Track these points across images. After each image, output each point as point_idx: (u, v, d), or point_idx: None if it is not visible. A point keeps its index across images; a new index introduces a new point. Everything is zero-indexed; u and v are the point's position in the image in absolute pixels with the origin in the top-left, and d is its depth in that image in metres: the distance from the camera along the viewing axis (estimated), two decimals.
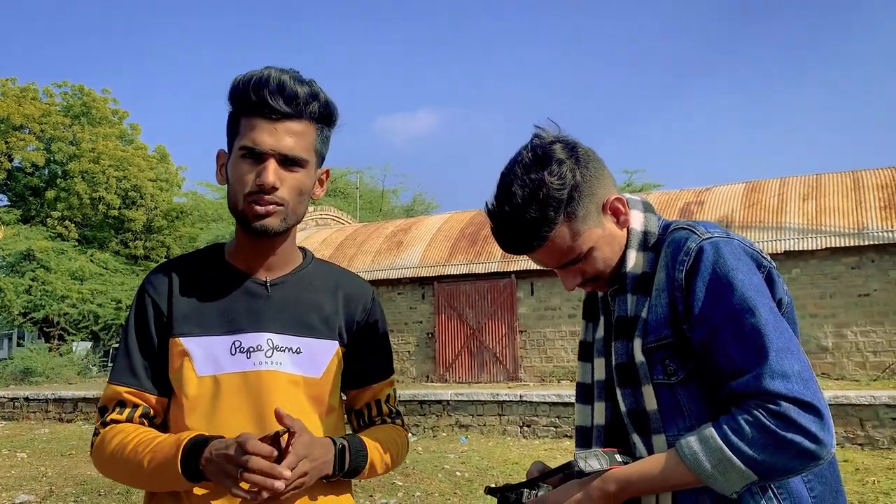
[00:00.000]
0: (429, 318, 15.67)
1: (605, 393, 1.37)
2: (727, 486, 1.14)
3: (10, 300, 23.06)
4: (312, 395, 1.47)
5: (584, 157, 1.29)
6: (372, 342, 1.61)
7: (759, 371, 1.13)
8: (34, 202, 28.97)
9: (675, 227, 1.32)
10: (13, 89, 28.69)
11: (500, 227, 1.30)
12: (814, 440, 1.10)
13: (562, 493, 1.24)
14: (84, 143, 28.01)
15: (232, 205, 1.43)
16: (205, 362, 1.42)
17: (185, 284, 1.47)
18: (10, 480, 8.28)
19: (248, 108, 1.38)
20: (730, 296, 1.18)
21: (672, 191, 16.02)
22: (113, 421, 1.44)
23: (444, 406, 11.44)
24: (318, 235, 18.76)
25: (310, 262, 1.59)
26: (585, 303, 1.51)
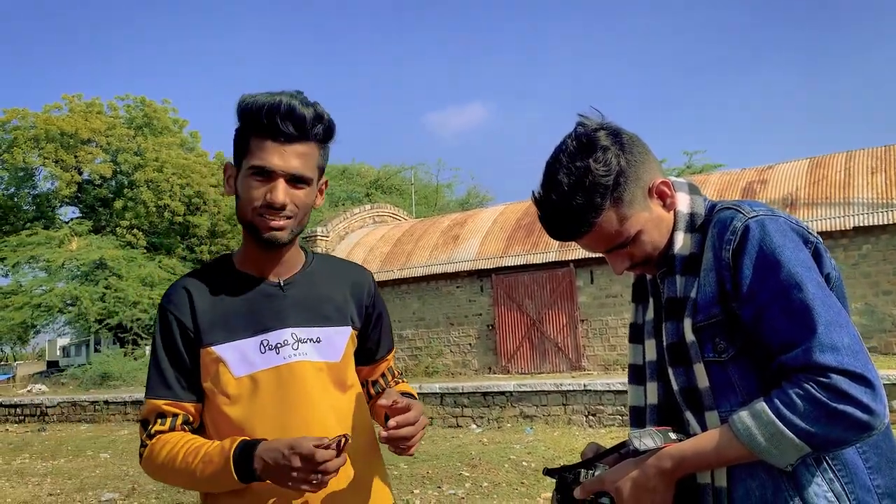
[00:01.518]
0: (488, 310, 15.70)
1: (656, 373, 1.39)
2: (781, 459, 1.15)
3: (87, 308, 24.05)
4: (335, 378, 1.61)
5: (628, 142, 1.31)
6: (379, 322, 1.77)
7: (808, 345, 1.14)
8: (104, 213, 30.10)
9: (720, 207, 1.33)
10: (80, 105, 29.86)
11: (548, 215, 1.33)
12: (866, 411, 1.10)
13: (619, 472, 1.27)
14: (148, 153, 28.96)
15: (241, 217, 1.55)
16: (239, 364, 1.54)
17: (204, 297, 1.58)
18: (95, 479, 8.67)
19: (259, 129, 1.49)
20: (777, 272, 1.19)
21: (734, 171, 15.65)
22: (158, 432, 1.54)
23: (507, 397, 11.46)
24: (376, 233, 18.98)
25: (312, 259, 1.71)
26: (635, 286, 1.53)
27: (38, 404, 16.55)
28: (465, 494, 6.76)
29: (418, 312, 16.59)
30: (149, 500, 7.22)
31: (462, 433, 11.05)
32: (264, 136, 1.48)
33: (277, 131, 1.47)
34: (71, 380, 22.23)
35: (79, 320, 25.56)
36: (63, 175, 28.35)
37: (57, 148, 28.17)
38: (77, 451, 11.42)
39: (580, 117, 1.34)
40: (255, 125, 1.49)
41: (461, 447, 9.62)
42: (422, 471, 8.08)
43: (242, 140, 1.52)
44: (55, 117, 28.68)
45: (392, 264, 17.05)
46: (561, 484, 1.34)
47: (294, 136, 1.48)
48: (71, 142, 28.35)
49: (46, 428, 15.21)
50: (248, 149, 1.50)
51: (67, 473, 9.24)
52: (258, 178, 1.49)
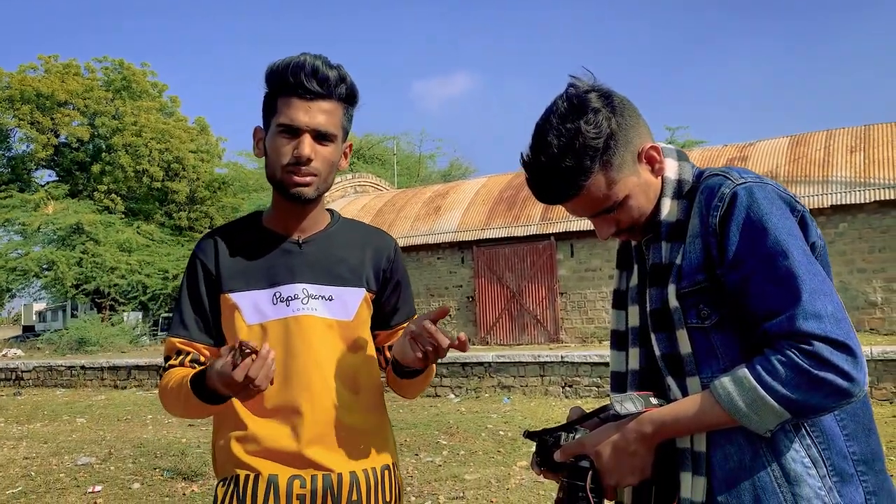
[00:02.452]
0: (468, 281, 15.74)
1: (639, 339, 1.38)
2: (761, 425, 1.16)
3: (63, 272, 23.79)
4: (345, 336, 1.67)
5: (619, 105, 1.29)
6: (397, 287, 1.81)
7: (792, 312, 1.14)
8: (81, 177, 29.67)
9: (708, 173, 1.32)
10: (56, 66, 29.23)
11: (536, 177, 1.31)
12: (846, 378, 1.11)
13: (599, 436, 1.27)
14: (126, 117, 28.49)
15: (270, 175, 1.63)
16: (252, 313, 1.63)
17: (230, 248, 1.69)
18: (71, 444, 8.65)
19: (285, 89, 1.56)
20: (763, 239, 1.18)
21: (715, 147, 15.72)
22: (171, 366, 1.68)
23: (486, 368, 11.55)
24: (358, 202, 18.89)
25: (337, 220, 1.78)
26: (619, 252, 1.52)
27: (14, 368, 16.42)
28: (441, 462, 6.83)
29: None
30: (125, 464, 7.22)
31: (440, 403, 11.14)
32: (290, 94, 1.55)
33: (303, 88, 1.54)
34: (47, 345, 22.07)
35: (55, 285, 25.29)
36: (39, 137, 27.85)
37: (32, 109, 27.62)
38: (53, 415, 11.36)
39: (571, 78, 1.31)
40: (281, 85, 1.56)
41: (439, 416, 9.70)
42: (400, 438, 8.14)
43: (270, 102, 1.60)
44: (31, 78, 28.08)
45: None
46: (541, 447, 1.34)
47: (319, 94, 1.56)
48: (47, 103, 27.81)
49: (22, 392, 15.11)
50: (276, 108, 1.58)
51: (43, 437, 9.20)
52: (286, 135, 1.56)
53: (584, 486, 1.24)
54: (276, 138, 1.58)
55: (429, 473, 6.35)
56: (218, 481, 1.66)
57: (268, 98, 1.61)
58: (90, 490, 6.13)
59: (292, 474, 1.58)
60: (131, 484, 6.35)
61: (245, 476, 1.59)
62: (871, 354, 9.10)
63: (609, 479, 1.26)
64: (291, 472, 1.58)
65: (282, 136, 1.57)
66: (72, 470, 7.06)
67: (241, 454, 1.59)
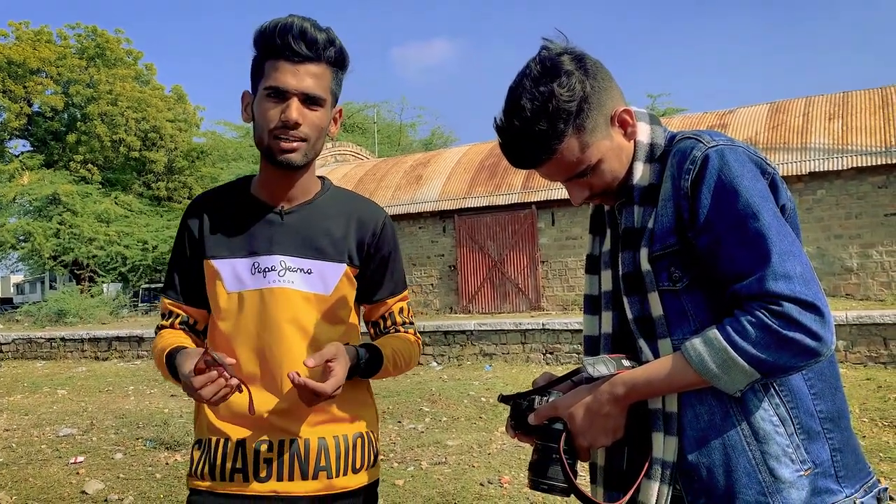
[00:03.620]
0: (450, 250, 15.76)
1: (612, 302, 1.39)
2: (732, 386, 1.18)
3: (40, 244, 23.51)
4: (322, 310, 1.67)
5: (592, 68, 1.28)
6: (382, 263, 1.77)
7: (762, 273, 1.15)
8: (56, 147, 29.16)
9: (680, 137, 1.32)
10: (27, 33, 28.55)
11: (509, 142, 1.31)
12: (815, 338, 1.13)
13: (572, 398, 1.29)
14: (101, 86, 27.97)
15: (258, 140, 1.60)
16: (232, 281, 1.65)
17: (216, 214, 1.69)
18: (52, 415, 8.62)
19: (273, 51, 1.53)
20: (735, 202, 1.19)
21: (695, 114, 15.74)
22: (162, 327, 1.74)
23: (467, 336, 11.63)
24: (338, 171, 18.76)
25: (327, 190, 1.75)
26: (592, 217, 1.52)
27: None
28: (424, 429, 6.90)
29: None
30: (107, 435, 7.22)
31: (423, 370, 11.21)
32: (278, 57, 1.53)
33: (291, 51, 1.51)
34: (26, 317, 21.86)
35: (32, 256, 25.01)
36: (11, 106, 27.29)
37: (4, 77, 27.02)
38: (33, 387, 11.31)
39: (544, 41, 1.30)
40: (269, 48, 1.54)
41: (422, 384, 9.77)
42: (382, 406, 8.20)
43: (258, 65, 1.58)
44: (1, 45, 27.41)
45: None
46: (515, 410, 1.36)
47: (307, 57, 1.53)
48: (19, 71, 27.21)
49: (1, 364, 15.01)
50: (263, 72, 1.55)
51: (24, 409, 9.17)
52: (273, 99, 1.53)
53: (558, 447, 1.26)
54: (263, 102, 1.55)
55: (412, 440, 6.42)
56: (193, 443, 1.70)
57: (256, 61, 1.58)
58: (72, 461, 6.13)
59: (260, 439, 1.61)
60: (114, 454, 6.36)
61: (216, 441, 1.63)
62: (846, 319, 9.26)
63: (582, 441, 1.28)
64: (259, 436, 1.61)
65: (269, 99, 1.54)
66: (53, 441, 7.05)
67: (213, 419, 1.64)
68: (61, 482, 5.52)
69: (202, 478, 1.63)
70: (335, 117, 1.67)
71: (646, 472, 1.27)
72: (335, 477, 1.65)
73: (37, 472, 5.86)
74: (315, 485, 1.62)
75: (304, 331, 1.64)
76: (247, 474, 1.60)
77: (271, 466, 1.60)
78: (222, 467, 1.61)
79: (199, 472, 1.64)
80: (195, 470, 1.65)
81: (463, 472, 5.28)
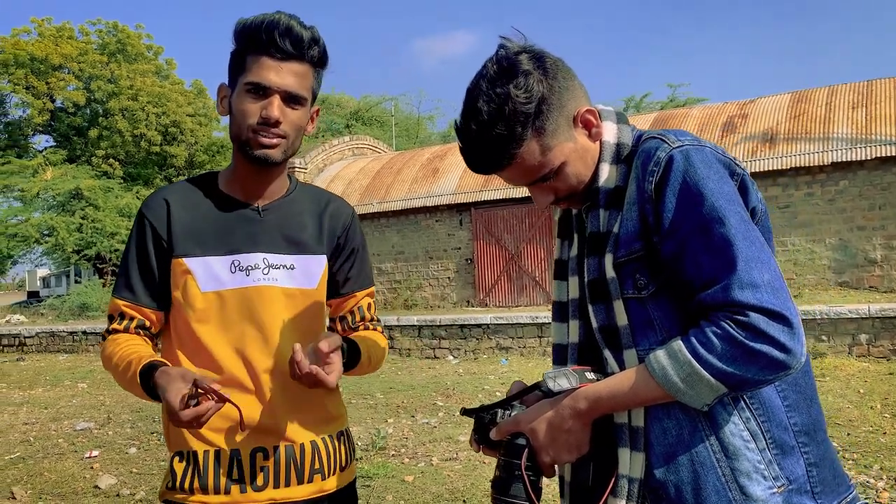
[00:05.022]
0: (467, 244, 15.70)
1: (578, 311, 1.34)
2: (697, 400, 1.12)
3: (64, 238, 23.78)
4: (307, 305, 1.65)
5: (552, 67, 1.23)
6: (351, 256, 1.76)
7: (727, 282, 1.10)
8: (78, 142, 29.45)
9: (646, 137, 1.26)
10: (49, 29, 28.81)
11: (468, 146, 1.26)
12: (783, 350, 1.07)
13: (534, 413, 1.24)
14: (122, 81, 28.16)
15: (235, 135, 1.56)
16: (207, 280, 1.58)
17: (182, 210, 1.62)
18: (71, 409, 8.73)
19: (257, 47, 1.50)
20: (699, 206, 1.13)
21: (715, 104, 15.52)
22: (114, 330, 1.63)
23: (483, 330, 11.59)
24: (355, 165, 18.76)
25: (295, 186, 1.73)
26: (560, 221, 1.47)
27: (16, 334, 16.53)
28: (437, 423, 6.88)
29: (397, 246, 16.57)
30: (123, 429, 7.29)
31: (439, 364, 11.20)
32: (261, 52, 1.50)
33: (275, 47, 1.49)
34: (49, 310, 22.17)
35: (56, 251, 25.31)
36: (35, 102, 27.58)
37: (27, 74, 27.30)
38: (55, 380, 11.47)
39: (502, 39, 1.24)
40: (252, 43, 1.51)
41: (437, 378, 9.76)
42: (397, 400, 8.20)
43: (238, 59, 1.55)
44: (24, 42, 27.69)
45: (371, 197, 16.92)
46: (478, 424, 1.31)
47: (291, 54, 1.51)
48: (42, 67, 27.47)
49: (25, 358, 15.22)
50: (244, 66, 1.52)
51: (44, 403, 9.29)
52: (253, 94, 1.51)
53: (520, 463, 1.21)
54: (243, 97, 1.52)
55: (424, 435, 6.40)
56: (173, 454, 1.61)
57: (236, 55, 1.55)
58: (87, 455, 6.19)
59: (255, 447, 1.56)
60: (128, 448, 6.41)
61: (204, 452, 1.55)
62: (868, 312, 9.09)
63: (545, 457, 1.23)
64: (253, 444, 1.56)
65: (249, 94, 1.51)
66: (70, 435, 7.13)
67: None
68: (75, 476, 5.58)
69: (191, 492, 1.54)
70: (312, 116, 1.65)
71: (611, 489, 1.22)
72: (327, 478, 1.63)
73: (52, 466, 5.92)
74: (310, 488, 1.60)
75: (290, 328, 1.60)
76: (244, 485, 1.54)
77: (267, 474, 1.56)
78: (216, 480, 1.54)
79: (185, 486, 1.55)
80: (180, 484, 1.55)
81: (473, 469, 5.25)
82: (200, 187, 1.66)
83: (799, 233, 12.68)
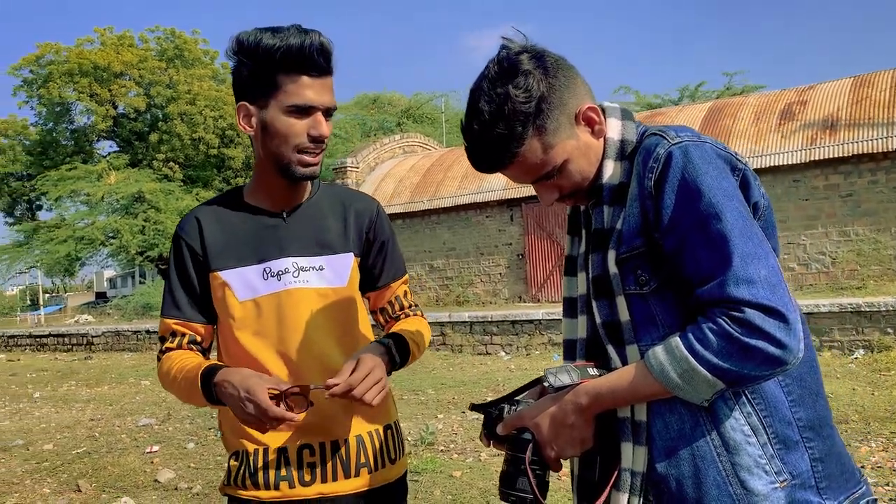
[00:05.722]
0: (518, 239, 15.66)
1: (586, 306, 1.35)
2: (696, 396, 1.13)
3: (127, 240, 24.61)
4: (340, 303, 1.70)
5: (552, 66, 1.24)
6: (382, 249, 1.81)
7: (723, 278, 1.10)
8: (140, 146, 30.39)
9: (648, 133, 1.26)
10: (111, 38, 29.81)
11: (471, 146, 1.27)
12: (779, 346, 1.06)
13: (537, 408, 1.26)
14: (180, 86, 28.95)
15: (275, 154, 1.59)
16: (243, 289, 1.65)
17: (213, 226, 1.69)
18: (134, 405, 9.05)
19: (293, 66, 1.52)
20: (697, 202, 1.13)
21: (772, 92, 15.09)
22: (168, 349, 1.70)
23: (535, 325, 11.54)
24: (406, 163, 18.88)
25: (317, 188, 1.78)
26: (569, 218, 1.48)
27: (84, 334, 17.19)
28: None
29: (448, 242, 16.63)
30: (182, 425, 7.52)
31: (491, 360, 11.22)
32: (298, 72, 1.53)
33: (313, 66, 1.53)
34: (115, 310, 23.01)
35: (120, 252, 26.20)
36: (98, 109, 28.58)
37: (91, 82, 28.31)
38: (120, 378, 11.89)
39: (503, 40, 1.26)
40: (287, 62, 1.52)
41: (488, 374, 9.77)
42: (447, 396, 8.25)
43: (267, 78, 1.54)
44: (87, 51, 28.73)
45: (422, 195, 17.01)
46: (487, 419, 1.34)
47: (325, 70, 1.55)
48: (104, 75, 28.45)
49: (92, 356, 15.82)
50: (278, 87, 1.54)
51: (109, 400, 9.65)
52: (296, 115, 1.54)
53: (525, 458, 1.23)
54: (284, 118, 1.55)
55: (473, 431, 6.42)
56: (230, 454, 1.70)
57: (261, 74, 1.54)
58: (148, 450, 6.41)
59: (301, 444, 1.62)
60: (186, 444, 6.61)
61: (254, 450, 1.63)
62: None
63: (549, 451, 1.25)
64: (299, 441, 1.62)
65: (292, 115, 1.54)
66: (133, 431, 7.39)
67: (249, 429, 1.60)
68: (136, 471, 5.78)
69: (245, 487, 1.63)
70: None
71: (614, 483, 1.23)
72: (375, 471, 1.68)
73: (115, 460, 6.15)
74: (358, 482, 1.66)
75: (326, 327, 1.66)
76: (292, 481, 1.61)
77: (315, 470, 1.62)
78: (265, 476, 1.61)
79: (239, 481, 1.64)
80: (234, 479, 1.65)
81: None
82: (228, 203, 1.72)
83: (863, 222, 12.25)
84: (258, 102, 1.58)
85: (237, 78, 1.60)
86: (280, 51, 1.51)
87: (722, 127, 13.92)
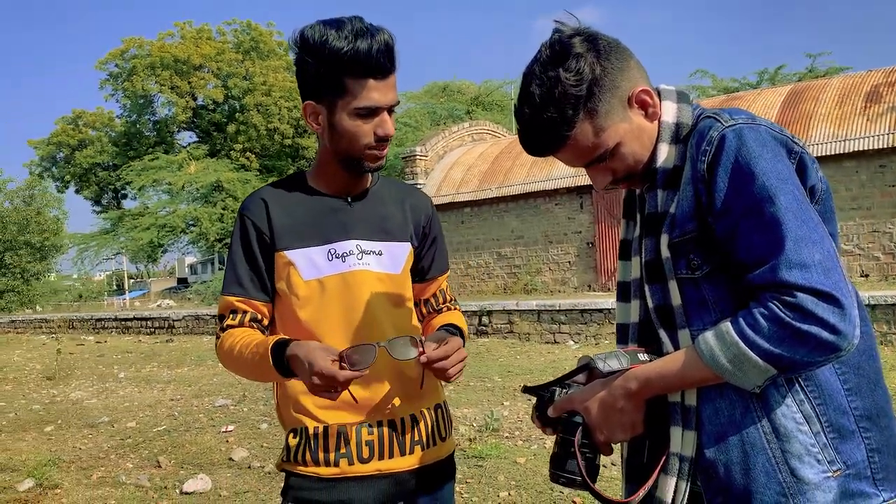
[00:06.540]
0: (588, 227, 15.47)
1: (639, 291, 1.34)
2: (747, 381, 1.11)
3: (206, 228, 25.51)
4: (394, 289, 1.75)
5: (605, 48, 1.22)
6: (433, 244, 1.88)
7: (775, 262, 1.07)
8: (218, 137, 31.37)
9: (703, 116, 1.24)
10: (190, 32, 30.82)
11: (523, 129, 1.28)
12: (832, 331, 1.03)
13: (588, 392, 1.26)
14: (256, 77, 29.73)
15: (345, 151, 1.64)
16: (308, 269, 1.69)
17: (279, 207, 1.73)
18: (211, 387, 9.39)
19: (357, 69, 1.53)
20: (750, 185, 1.11)
21: (858, 73, 14.42)
22: (229, 326, 1.73)
23: (605, 315, 11.41)
24: (475, 150, 18.88)
25: (377, 179, 1.83)
26: (625, 201, 1.46)
27: (166, 318, 17.92)
28: None
29: (517, 230, 16.57)
30: (257, 406, 7.77)
31: (558, 349, 11.15)
32: (365, 75, 1.54)
33: (380, 70, 1.54)
34: (196, 295, 23.85)
35: (200, 240, 27.18)
36: (179, 101, 29.64)
37: (171, 75, 29.37)
38: (199, 360, 12.35)
39: (556, 23, 1.26)
40: (353, 66, 1.53)
41: (555, 362, 9.72)
42: (514, 384, 8.25)
43: (333, 80, 1.56)
44: (168, 45, 29.79)
45: (490, 182, 16.99)
46: (539, 402, 1.35)
47: (389, 70, 1.57)
48: (184, 68, 29.45)
49: (173, 339, 16.48)
50: (345, 89, 1.56)
51: (188, 381, 10.04)
52: (363, 117, 1.58)
53: (574, 440, 1.24)
54: (352, 119, 1.59)
55: None
56: (288, 430, 1.75)
57: (328, 75, 1.56)
58: (224, 430, 6.65)
59: (359, 422, 1.67)
60: (260, 424, 6.83)
61: (315, 427, 1.68)
62: None
63: (599, 435, 1.25)
64: (357, 419, 1.67)
65: (360, 117, 1.58)
66: (210, 411, 7.68)
67: (309, 405, 1.67)
68: (212, 449, 6.02)
69: (305, 464, 1.68)
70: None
71: (662, 467, 1.22)
72: (427, 449, 1.73)
73: (193, 438, 6.41)
74: (412, 459, 1.71)
75: (384, 309, 1.71)
76: (351, 458, 1.66)
77: (373, 447, 1.68)
78: (325, 454, 1.66)
79: (299, 458, 1.69)
80: (294, 456, 1.70)
81: None
82: (292, 186, 1.77)
83: None
84: (324, 102, 1.61)
85: (302, 74, 1.63)
86: (347, 55, 1.51)
87: (802, 111, 13.39)
